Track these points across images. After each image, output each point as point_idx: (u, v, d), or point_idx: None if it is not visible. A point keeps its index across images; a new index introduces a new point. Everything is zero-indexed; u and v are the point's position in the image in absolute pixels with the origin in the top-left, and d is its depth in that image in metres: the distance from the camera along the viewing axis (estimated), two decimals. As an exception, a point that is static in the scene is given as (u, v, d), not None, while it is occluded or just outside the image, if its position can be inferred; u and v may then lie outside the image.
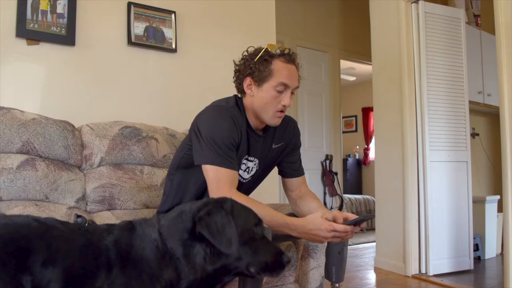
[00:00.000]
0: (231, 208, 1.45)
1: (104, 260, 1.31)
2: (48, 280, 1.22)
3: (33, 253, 1.23)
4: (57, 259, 1.26)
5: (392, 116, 4.47)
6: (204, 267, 1.40)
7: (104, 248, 1.34)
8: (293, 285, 2.44)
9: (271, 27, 4.11)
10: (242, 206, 1.53)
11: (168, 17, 3.45)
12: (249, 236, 1.45)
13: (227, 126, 1.98)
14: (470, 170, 4.47)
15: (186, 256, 1.39)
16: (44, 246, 1.26)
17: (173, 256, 1.39)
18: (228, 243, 1.37)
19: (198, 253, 1.39)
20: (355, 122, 10.93)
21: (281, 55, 2.03)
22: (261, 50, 2.06)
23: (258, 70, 2.02)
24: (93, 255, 1.32)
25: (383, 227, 4.64)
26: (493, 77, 4.08)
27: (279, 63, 2.02)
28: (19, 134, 2.35)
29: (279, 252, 1.49)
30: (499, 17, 3.49)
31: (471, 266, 4.38)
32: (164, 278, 1.36)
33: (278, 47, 2.04)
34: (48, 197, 2.38)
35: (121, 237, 1.39)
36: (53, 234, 1.32)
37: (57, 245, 1.29)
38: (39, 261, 1.23)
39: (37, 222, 1.34)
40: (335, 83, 7.29)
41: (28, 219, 1.34)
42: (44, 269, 1.22)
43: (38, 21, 2.92)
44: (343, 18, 7.39)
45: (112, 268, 1.30)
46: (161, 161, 2.83)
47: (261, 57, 2.03)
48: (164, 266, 1.37)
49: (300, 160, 2.41)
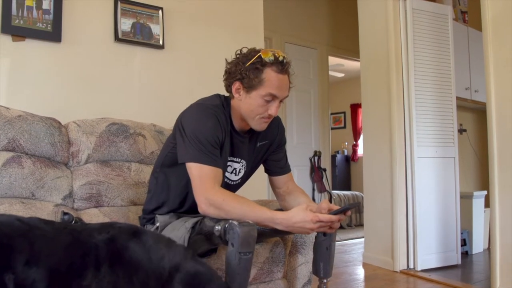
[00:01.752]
0: None
1: (92, 259, 1.30)
2: (33, 280, 1.21)
3: (15, 252, 1.22)
4: (41, 258, 1.24)
5: (380, 113, 4.49)
6: None
7: (93, 247, 1.33)
8: (281, 281, 2.44)
9: (259, 23, 4.10)
10: None
11: (155, 13, 3.43)
12: None
13: (211, 124, 1.98)
14: (458, 165, 4.50)
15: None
16: (27, 245, 1.25)
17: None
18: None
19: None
20: (343, 119, 10.95)
21: (274, 64, 1.98)
22: (254, 55, 2.00)
23: (248, 78, 1.99)
24: (80, 254, 1.30)
25: (371, 223, 4.66)
26: (480, 73, 4.10)
27: (270, 72, 1.98)
28: (5, 131, 2.32)
29: None
30: (486, 14, 3.50)
31: (459, 261, 4.42)
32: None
33: (272, 54, 1.98)
34: (34, 195, 2.36)
35: (120, 238, 1.38)
36: (36, 234, 1.30)
37: (41, 244, 1.28)
38: (21, 260, 1.21)
39: (20, 221, 1.32)
40: (323, 80, 7.29)
41: (10, 218, 1.33)
42: (28, 268, 1.21)
43: (23, 17, 2.89)
44: (332, 15, 7.39)
45: (100, 266, 1.29)
46: (149, 158, 2.82)
47: (253, 64, 1.98)
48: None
49: (285, 157, 2.41)
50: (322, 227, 1.84)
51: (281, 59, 1.99)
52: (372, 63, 4.62)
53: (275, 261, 2.37)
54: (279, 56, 1.99)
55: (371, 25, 4.65)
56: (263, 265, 2.32)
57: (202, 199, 1.89)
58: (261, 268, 2.32)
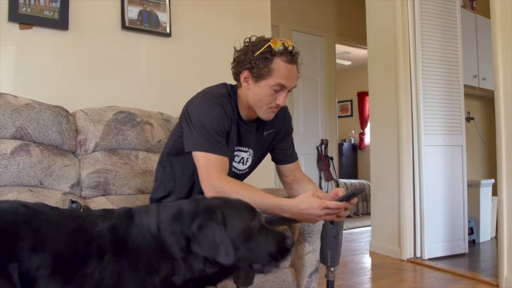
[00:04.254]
0: (222, 217, 1.41)
1: (96, 247, 1.30)
2: (37, 266, 1.21)
3: (19, 239, 1.22)
4: (46, 244, 1.24)
5: (388, 101, 4.47)
6: (203, 270, 1.39)
7: (96, 235, 1.33)
8: (289, 269, 2.45)
9: (266, 11, 4.08)
10: (233, 206, 1.50)
11: (162, 1, 3.41)
12: (246, 235, 1.42)
13: (216, 113, 1.97)
14: (465, 154, 4.48)
15: (184, 259, 1.38)
16: (32, 231, 1.25)
17: (171, 256, 1.38)
18: (225, 255, 1.35)
19: (197, 259, 1.38)
20: (350, 107, 10.92)
21: (284, 54, 1.96)
22: (263, 45, 1.97)
23: (258, 67, 1.97)
24: (84, 241, 1.30)
25: (378, 211, 4.66)
26: (488, 61, 4.08)
27: (280, 62, 1.96)
28: (13, 119, 2.33)
29: (281, 238, 1.46)
30: (494, 1, 3.47)
31: (466, 250, 4.42)
32: (162, 272, 1.36)
33: (282, 43, 1.96)
34: (42, 183, 2.37)
35: (118, 224, 1.38)
36: (41, 219, 1.30)
37: (46, 230, 1.27)
38: (26, 247, 1.21)
39: (25, 207, 1.32)
40: (330, 68, 7.27)
41: (15, 204, 1.32)
42: (33, 254, 1.21)
43: (30, 5, 2.88)
44: (338, 2, 7.35)
45: (104, 254, 1.30)
46: (156, 146, 2.82)
47: (262, 53, 1.96)
48: (162, 262, 1.37)
49: (293, 145, 2.40)
50: (329, 214, 1.84)
51: (290, 49, 1.98)
52: (380, 50, 4.60)
53: (283, 250, 2.38)
54: (288, 46, 1.97)
55: (378, 12, 4.61)
56: (270, 254, 2.33)
57: (208, 188, 1.89)
58: (269, 256, 2.32)
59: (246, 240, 1.41)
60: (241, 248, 1.40)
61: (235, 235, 1.40)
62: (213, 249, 1.35)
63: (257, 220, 1.47)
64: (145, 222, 1.41)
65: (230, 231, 1.40)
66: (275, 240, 1.45)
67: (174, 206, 1.48)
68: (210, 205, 1.46)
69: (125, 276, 1.29)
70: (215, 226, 1.38)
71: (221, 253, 1.35)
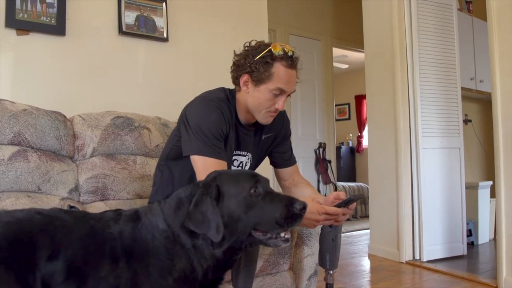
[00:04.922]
0: (216, 190, 1.41)
1: (108, 250, 1.31)
2: (52, 273, 1.21)
3: (36, 249, 1.22)
4: (61, 250, 1.25)
5: (385, 104, 4.47)
6: (212, 252, 1.39)
7: (108, 238, 1.34)
8: (288, 272, 2.45)
9: (263, 15, 4.09)
10: (231, 176, 1.50)
11: (159, 6, 3.42)
12: (247, 204, 1.41)
13: (214, 117, 1.97)
14: (463, 156, 4.49)
15: (194, 246, 1.39)
16: (48, 239, 1.25)
17: (184, 246, 1.38)
18: (215, 230, 1.35)
19: (203, 240, 1.38)
20: (348, 110, 10.93)
21: (284, 59, 1.97)
22: (264, 49, 1.98)
23: (258, 71, 1.98)
24: (96, 244, 1.31)
25: (377, 214, 4.66)
26: (485, 63, 4.09)
27: (280, 66, 1.97)
28: (10, 125, 2.33)
29: (288, 202, 1.43)
30: (491, 4, 3.49)
31: (465, 252, 4.42)
32: (177, 269, 1.36)
33: (282, 48, 1.97)
34: (40, 188, 2.36)
35: (126, 227, 1.39)
36: (56, 225, 1.31)
37: (60, 236, 1.28)
38: (43, 257, 1.22)
39: (40, 215, 1.32)
40: (327, 71, 7.28)
41: (30, 213, 1.32)
42: (49, 263, 1.22)
43: (27, 11, 2.88)
44: (335, 6, 7.37)
45: (118, 260, 1.30)
46: (154, 151, 2.82)
47: (263, 58, 1.97)
48: (177, 257, 1.37)
49: (291, 149, 2.40)
50: (328, 219, 1.85)
51: (290, 54, 1.99)
52: (377, 54, 4.61)
53: (281, 253, 2.38)
54: (288, 51, 1.99)
55: (375, 15, 4.62)
56: (269, 257, 2.33)
57: None
58: (267, 260, 2.33)
59: (248, 208, 1.40)
60: (242, 217, 1.39)
61: (234, 206, 1.40)
62: (203, 223, 1.36)
63: (260, 186, 1.45)
64: (153, 221, 1.42)
65: (228, 202, 1.40)
66: (281, 205, 1.42)
67: (174, 198, 1.49)
68: (206, 181, 1.47)
69: (140, 282, 1.30)
70: (209, 202, 1.38)
71: (212, 229, 1.35)
